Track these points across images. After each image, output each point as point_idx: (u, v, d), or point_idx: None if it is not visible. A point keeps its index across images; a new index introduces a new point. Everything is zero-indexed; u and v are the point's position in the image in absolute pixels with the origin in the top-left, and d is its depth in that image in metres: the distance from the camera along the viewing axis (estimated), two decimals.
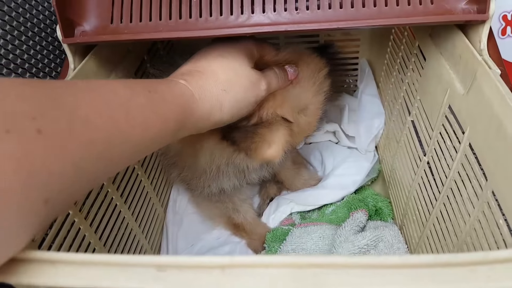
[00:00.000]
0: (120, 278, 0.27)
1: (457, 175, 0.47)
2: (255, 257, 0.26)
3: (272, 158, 0.51)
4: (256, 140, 0.51)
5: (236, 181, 0.64)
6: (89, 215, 0.50)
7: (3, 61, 0.55)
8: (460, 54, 0.48)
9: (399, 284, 0.24)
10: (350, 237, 0.61)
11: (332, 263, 0.25)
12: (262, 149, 0.51)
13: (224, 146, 0.53)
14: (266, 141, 0.51)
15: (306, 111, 0.54)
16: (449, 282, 0.24)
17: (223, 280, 0.26)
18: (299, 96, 0.52)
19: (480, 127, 0.42)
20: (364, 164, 0.79)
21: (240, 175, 0.63)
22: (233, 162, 0.56)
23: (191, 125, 0.41)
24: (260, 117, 0.51)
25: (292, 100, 0.52)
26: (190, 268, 0.26)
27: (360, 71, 0.88)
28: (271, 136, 0.51)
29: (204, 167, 0.58)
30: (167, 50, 0.79)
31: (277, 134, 0.51)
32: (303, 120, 0.54)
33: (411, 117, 0.64)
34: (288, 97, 0.52)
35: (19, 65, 0.57)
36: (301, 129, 0.54)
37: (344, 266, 0.25)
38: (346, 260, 0.25)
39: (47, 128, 0.25)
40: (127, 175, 0.59)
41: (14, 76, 0.56)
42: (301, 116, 0.54)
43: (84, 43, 0.52)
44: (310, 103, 0.54)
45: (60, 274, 0.27)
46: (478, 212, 0.41)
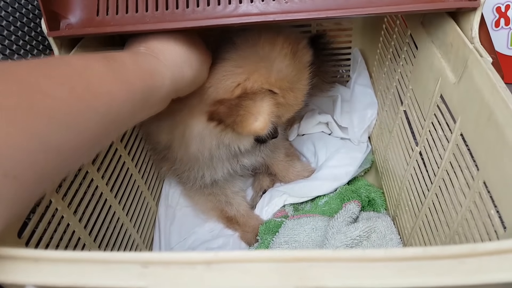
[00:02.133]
0: (104, 275, 0.26)
1: (448, 165, 0.46)
2: (240, 252, 0.25)
3: (260, 131, 0.50)
4: (241, 113, 0.50)
5: (230, 167, 0.64)
6: (78, 210, 0.49)
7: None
8: (451, 42, 0.47)
9: (386, 277, 0.24)
10: (342, 229, 0.61)
11: (318, 257, 0.25)
12: (248, 122, 0.50)
13: (211, 127, 0.53)
14: (252, 114, 0.50)
15: (292, 84, 0.53)
16: (438, 275, 0.24)
17: (208, 275, 0.25)
18: (283, 69, 0.52)
19: (471, 116, 0.41)
20: (357, 155, 0.78)
21: (233, 160, 0.63)
22: (223, 143, 0.56)
23: (164, 89, 0.41)
24: (245, 88, 0.50)
25: (277, 72, 0.51)
26: (175, 264, 0.26)
27: (353, 61, 0.88)
28: (256, 108, 0.50)
29: (196, 153, 0.57)
30: None
31: (262, 105, 0.51)
32: (290, 94, 0.53)
33: (404, 107, 0.63)
34: (272, 70, 0.51)
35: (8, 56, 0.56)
36: (288, 103, 0.54)
37: (330, 259, 0.25)
38: (332, 254, 0.25)
39: (6, 103, 0.25)
40: (116, 169, 0.59)
41: None
42: (287, 90, 0.53)
43: (69, 36, 0.51)
44: (295, 77, 0.53)
45: (43, 272, 0.27)
46: (470, 203, 0.41)
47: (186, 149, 0.57)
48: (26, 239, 0.41)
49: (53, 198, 0.45)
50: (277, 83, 0.51)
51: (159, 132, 0.60)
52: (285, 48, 0.52)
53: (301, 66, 0.54)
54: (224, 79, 0.51)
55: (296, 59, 0.53)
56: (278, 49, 0.51)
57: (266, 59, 0.51)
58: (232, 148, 0.57)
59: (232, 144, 0.56)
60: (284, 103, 0.53)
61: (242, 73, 0.50)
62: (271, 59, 0.51)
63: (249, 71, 0.50)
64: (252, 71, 0.50)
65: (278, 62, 0.51)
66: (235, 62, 0.51)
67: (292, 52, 0.53)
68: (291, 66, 0.52)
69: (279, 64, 0.51)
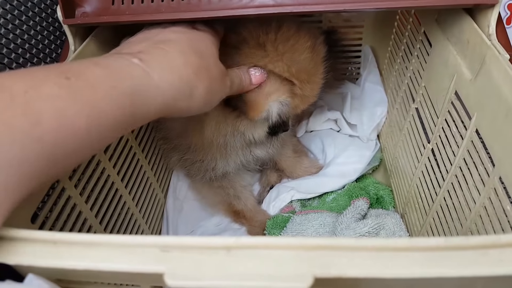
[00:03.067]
0: (121, 259, 0.26)
1: (462, 162, 0.46)
2: (261, 239, 0.25)
3: (270, 107, 0.51)
4: (255, 93, 0.51)
5: (243, 157, 0.64)
6: (90, 198, 0.49)
7: (3, 40, 0.54)
8: (468, 39, 0.47)
9: (407, 267, 0.23)
10: (351, 225, 0.61)
11: (339, 246, 0.25)
12: (259, 100, 0.51)
13: (227, 113, 0.53)
14: (264, 93, 0.51)
15: (309, 76, 0.54)
16: (460, 266, 0.23)
17: (228, 261, 0.25)
18: (304, 61, 0.53)
19: (488, 112, 0.41)
20: (366, 152, 0.78)
21: (246, 150, 0.63)
22: (238, 130, 0.57)
23: (149, 115, 0.34)
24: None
25: (298, 63, 0.52)
26: (194, 249, 0.26)
27: (364, 58, 0.87)
28: (268, 88, 0.51)
29: (211, 140, 0.58)
30: None
31: (275, 84, 0.52)
32: (307, 86, 0.54)
33: (415, 105, 0.63)
34: (294, 60, 0.52)
35: (19, 45, 0.56)
36: (304, 94, 0.55)
37: (352, 248, 0.25)
38: (354, 243, 0.25)
39: None
40: (127, 159, 0.59)
41: (14, 56, 0.55)
42: (304, 82, 0.54)
43: (84, 24, 0.51)
44: (313, 69, 0.55)
45: (61, 255, 0.27)
46: (484, 199, 0.41)
47: (201, 135, 0.57)
48: (38, 225, 0.41)
49: (66, 185, 0.45)
50: (297, 74, 0.52)
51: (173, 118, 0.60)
52: (307, 42, 0.52)
53: (319, 60, 0.55)
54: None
55: (314, 53, 0.54)
56: (302, 42, 0.52)
57: (289, 50, 0.51)
58: (246, 137, 0.58)
59: (247, 132, 0.57)
60: (300, 94, 0.54)
61: (266, 61, 0.51)
62: (294, 51, 0.52)
63: (273, 59, 0.51)
64: (276, 59, 0.51)
65: (299, 54, 0.52)
66: (255, 51, 0.51)
67: (312, 46, 0.54)
68: (310, 59, 0.53)
69: (301, 56, 0.52)
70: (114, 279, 0.31)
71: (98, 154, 0.51)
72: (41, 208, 0.41)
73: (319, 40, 0.56)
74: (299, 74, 0.52)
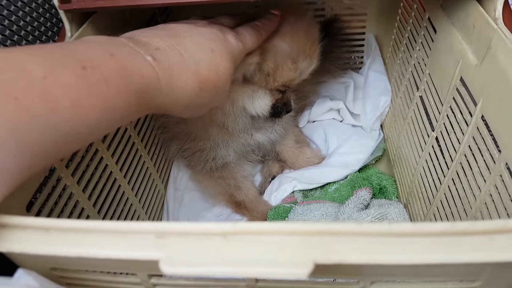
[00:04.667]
0: (116, 245, 0.25)
1: (467, 149, 0.45)
2: (259, 224, 0.24)
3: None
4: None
5: (244, 142, 0.64)
6: (88, 188, 0.48)
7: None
8: (473, 23, 0.46)
9: (412, 253, 0.23)
10: (353, 214, 0.60)
11: (341, 231, 0.24)
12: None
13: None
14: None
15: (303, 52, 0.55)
16: (467, 251, 0.22)
17: (225, 247, 0.24)
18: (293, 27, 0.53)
19: (494, 98, 0.40)
20: (369, 142, 0.77)
21: (247, 134, 0.63)
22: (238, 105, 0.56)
23: (142, 112, 0.35)
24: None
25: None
26: (191, 235, 0.25)
27: (367, 47, 0.86)
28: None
29: (210, 116, 0.58)
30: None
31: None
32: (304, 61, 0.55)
33: (419, 93, 0.62)
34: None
35: (14, 32, 0.55)
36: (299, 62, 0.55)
37: (354, 233, 0.24)
38: (356, 228, 0.24)
39: None
40: (126, 149, 0.58)
41: (10, 43, 0.54)
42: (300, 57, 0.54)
43: (81, 10, 0.50)
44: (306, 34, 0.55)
45: (53, 242, 0.26)
46: (490, 186, 0.40)
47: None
48: (34, 213, 0.40)
49: (62, 174, 0.44)
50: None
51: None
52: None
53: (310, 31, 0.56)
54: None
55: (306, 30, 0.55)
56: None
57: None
58: (247, 111, 0.57)
59: (248, 105, 0.56)
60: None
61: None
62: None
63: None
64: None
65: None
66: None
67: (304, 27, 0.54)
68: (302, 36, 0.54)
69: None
70: (109, 267, 0.30)
71: (96, 143, 0.50)
72: (37, 197, 0.40)
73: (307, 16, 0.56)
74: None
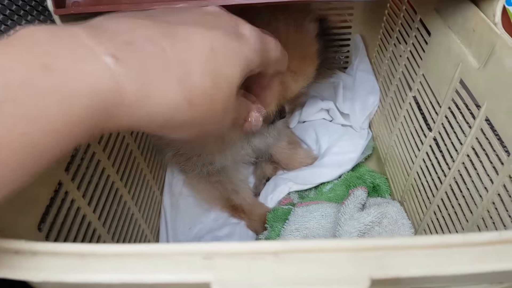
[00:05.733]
0: (163, 268, 0.25)
1: (471, 150, 0.47)
2: (310, 242, 0.25)
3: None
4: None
5: (242, 151, 0.63)
6: (92, 201, 0.47)
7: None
8: (473, 28, 0.47)
9: (465, 263, 0.23)
10: (355, 215, 0.61)
11: (393, 246, 0.24)
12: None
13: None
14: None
15: (302, 58, 0.54)
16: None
17: (277, 266, 0.24)
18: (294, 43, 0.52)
19: (502, 101, 0.41)
20: (359, 141, 0.78)
21: (244, 142, 0.62)
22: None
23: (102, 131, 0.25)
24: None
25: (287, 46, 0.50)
26: (239, 255, 0.25)
27: (354, 47, 0.87)
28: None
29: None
30: None
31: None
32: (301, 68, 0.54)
33: (413, 93, 0.63)
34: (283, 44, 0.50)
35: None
36: (298, 76, 0.54)
37: (405, 247, 0.24)
38: (408, 241, 0.24)
39: None
40: (125, 158, 0.56)
41: None
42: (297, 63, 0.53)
43: (77, 14, 0.48)
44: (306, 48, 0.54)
45: (92, 268, 0.25)
46: (498, 186, 0.41)
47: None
48: (46, 232, 0.39)
49: (69, 188, 0.42)
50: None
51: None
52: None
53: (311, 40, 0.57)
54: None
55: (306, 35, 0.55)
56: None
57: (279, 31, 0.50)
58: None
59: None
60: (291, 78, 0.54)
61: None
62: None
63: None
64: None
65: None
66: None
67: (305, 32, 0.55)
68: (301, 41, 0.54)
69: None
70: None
71: (98, 153, 0.49)
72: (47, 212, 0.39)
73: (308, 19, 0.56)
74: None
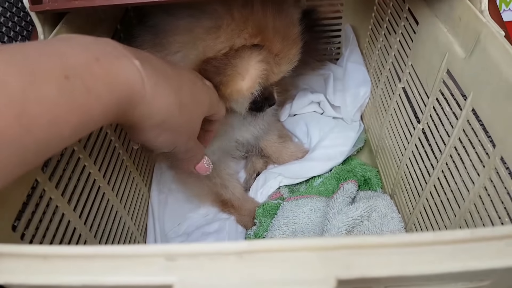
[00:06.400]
0: (125, 271, 0.24)
1: (458, 142, 0.46)
2: (275, 241, 0.24)
3: (246, 91, 0.47)
4: (229, 72, 0.47)
5: (226, 141, 0.61)
6: (72, 199, 0.46)
7: None
8: (459, 16, 0.46)
9: (436, 262, 0.22)
10: (343, 209, 0.60)
11: (360, 244, 0.23)
12: (235, 81, 0.47)
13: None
14: (239, 73, 0.47)
15: (284, 40, 0.50)
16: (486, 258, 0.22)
17: (241, 267, 0.23)
18: (274, 25, 0.49)
19: (487, 91, 0.40)
20: (351, 134, 0.77)
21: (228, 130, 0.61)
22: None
23: (116, 121, 0.33)
24: (232, 45, 0.47)
25: (266, 28, 0.48)
26: (203, 256, 0.24)
27: (345, 38, 0.85)
28: (244, 66, 0.47)
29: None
30: (140, 18, 0.73)
31: (250, 62, 0.47)
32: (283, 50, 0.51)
33: (402, 84, 0.62)
34: (262, 26, 0.48)
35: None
36: (281, 59, 0.51)
37: (373, 246, 0.23)
38: (376, 240, 0.23)
39: None
40: (108, 155, 0.55)
41: None
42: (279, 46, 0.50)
43: (54, 11, 0.47)
44: (287, 30, 0.51)
45: (54, 270, 0.24)
46: (485, 179, 0.40)
47: None
48: (21, 232, 0.38)
49: (46, 187, 0.41)
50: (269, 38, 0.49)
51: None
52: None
53: (293, 20, 0.52)
54: (210, 36, 0.47)
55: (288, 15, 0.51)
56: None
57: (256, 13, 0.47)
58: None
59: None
60: (277, 60, 0.51)
61: (231, 29, 0.47)
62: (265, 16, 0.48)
63: (239, 27, 0.47)
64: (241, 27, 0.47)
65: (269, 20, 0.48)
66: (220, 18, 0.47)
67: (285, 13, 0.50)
68: (283, 21, 0.50)
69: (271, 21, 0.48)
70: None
71: (78, 150, 0.48)
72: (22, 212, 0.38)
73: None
74: (268, 35, 0.49)
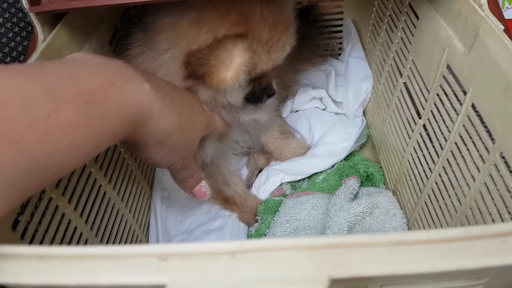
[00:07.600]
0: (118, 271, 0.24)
1: (458, 138, 0.45)
2: (268, 241, 0.24)
3: (230, 80, 0.46)
4: (212, 63, 0.46)
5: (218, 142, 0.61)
6: (73, 198, 0.46)
7: None
8: (458, 10, 0.45)
9: (428, 261, 0.22)
10: (345, 205, 0.60)
11: (352, 243, 0.23)
12: (219, 72, 0.46)
13: (190, 84, 0.50)
14: (223, 62, 0.46)
15: (273, 27, 0.48)
16: (480, 256, 0.22)
17: (234, 267, 0.23)
18: (261, 12, 0.47)
19: (486, 86, 0.40)
20: (353, 130, 0.77)
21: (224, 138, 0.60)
22: (201, 99, 0.51)
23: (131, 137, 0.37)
24: (215, 36, 0.45)
25: (252, 16, 0.47)
26: (196, 256, 0.24)
27: (346, 33, 0.85)
28: (227, 56, 0.46)
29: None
30: (140, 17, 0.73)
31: (234, 52, 0.46)
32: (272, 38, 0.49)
33: (403, 79, 0.61)
34: (247, 14, 0.46)
35: None
36: (271, 46, 0.49)
37: (366, 245, 0.23)
38: (368, 239, 0.23)
39: None
40: (109, 153, 0.56)
41: None
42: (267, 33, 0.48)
43: (53, 11, 0.47)
44: (277, 18, 0.49)
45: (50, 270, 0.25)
46: (485, 176, 0.40)
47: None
48: (21, 231, 0.38)
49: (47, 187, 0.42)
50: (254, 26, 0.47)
51: None
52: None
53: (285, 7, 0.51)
54: (193, 29, 0.46)
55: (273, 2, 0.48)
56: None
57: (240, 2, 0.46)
58: (212, 106, 0.53)
59: (209, 98, 0.52)
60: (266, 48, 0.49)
61: (213, 20, 0.46)
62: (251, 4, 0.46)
63: (221, 17, 0.46)
64: (224, 17, 0.46)
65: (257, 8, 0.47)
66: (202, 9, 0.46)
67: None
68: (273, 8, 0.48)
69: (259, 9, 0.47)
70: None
71: None
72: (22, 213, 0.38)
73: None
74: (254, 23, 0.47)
